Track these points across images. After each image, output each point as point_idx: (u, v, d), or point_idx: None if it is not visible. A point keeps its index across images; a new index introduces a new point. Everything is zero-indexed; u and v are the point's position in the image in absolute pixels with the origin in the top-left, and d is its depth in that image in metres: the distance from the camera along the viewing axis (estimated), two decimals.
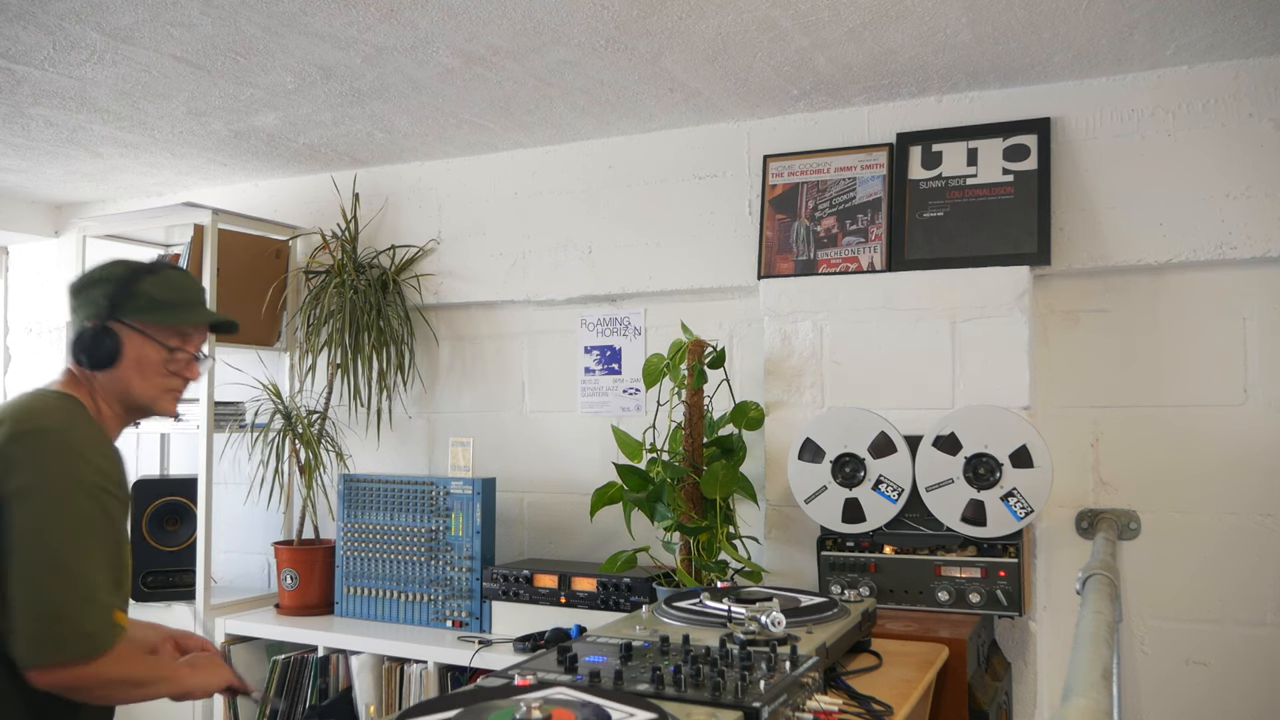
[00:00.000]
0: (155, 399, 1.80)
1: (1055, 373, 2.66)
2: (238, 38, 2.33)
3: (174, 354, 1.80)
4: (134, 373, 1.77)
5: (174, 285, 1.81)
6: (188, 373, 1.84)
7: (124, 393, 1.77)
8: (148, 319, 1.77)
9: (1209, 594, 2.50)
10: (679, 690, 1.27)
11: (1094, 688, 1.10)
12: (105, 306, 1.75)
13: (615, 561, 2.62)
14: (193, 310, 1.83)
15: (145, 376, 1.78)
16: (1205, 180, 2.48)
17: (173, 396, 1.83)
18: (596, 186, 3.18)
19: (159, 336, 1.78)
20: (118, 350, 1.75)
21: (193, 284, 1.86)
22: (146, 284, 1.77)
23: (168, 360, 1.79)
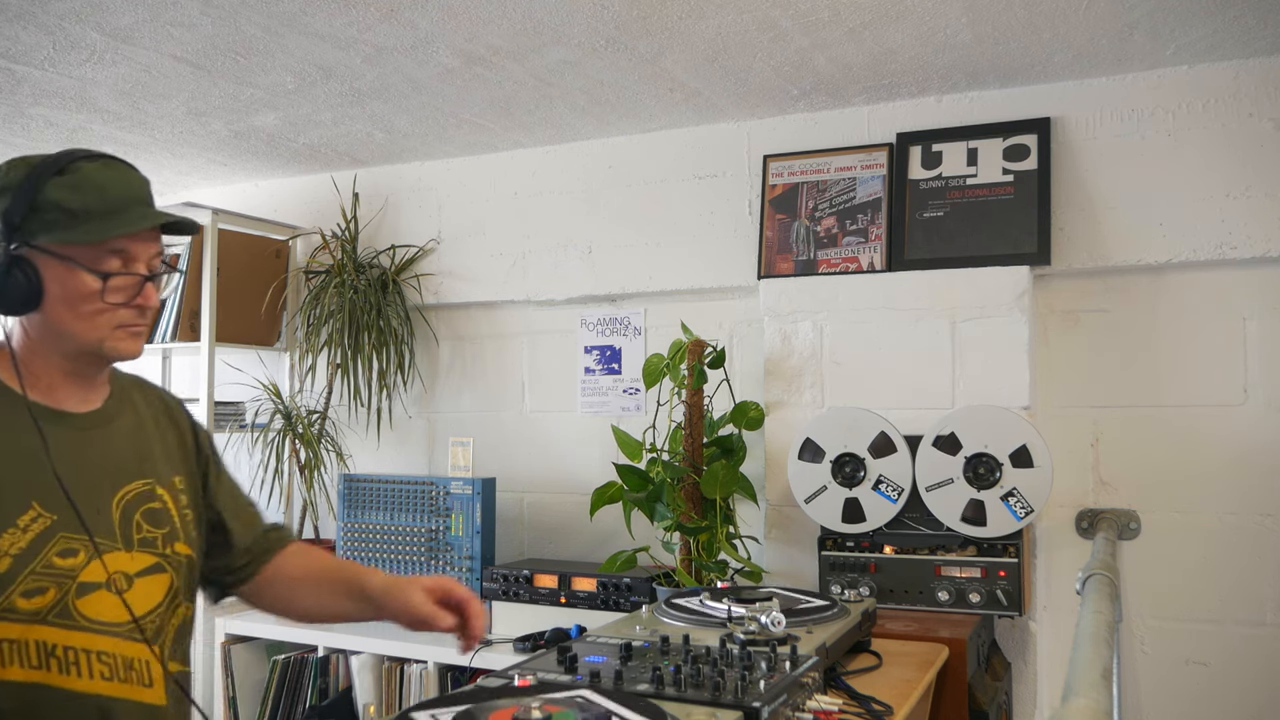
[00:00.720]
0: (103, 339, 1.34)
1: (1055, 373, 2.66)
2: (238, 38, 2.33)
3: (110, 281, 1.32)
4: (65, 310, 1.31)
5: (93, 185, 1.31)
6: (140, 299, 1.36)
7: (61, 338, 1.33)
8: (65, 238, 1.28)
9: (1209, 594, 2.50)
10: (679, 690, 1.27)
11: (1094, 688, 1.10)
12: (3, 230, 1.29)
13: (615, 561, 2.62)
14: (124, 215, 1.32)
15: (81, 314, 1.32)
16: (1205, 180, 2.48)
17: (128, 333, 1.36)
18: (596, 186, 3.18)
19: (86, 260, 1.30)
20: (34, 285, 1.29)
21: (118, 178, 1.34)
22: (53, 190, 1.29)
23: (105, 291, 1.32)
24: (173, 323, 3.28)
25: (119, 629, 1.34)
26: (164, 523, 1.43)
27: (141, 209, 1.35)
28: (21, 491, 1.29)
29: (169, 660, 1.40)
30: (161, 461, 1.47)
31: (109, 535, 1.35)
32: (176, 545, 1.43)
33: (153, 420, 1.49)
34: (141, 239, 1.35)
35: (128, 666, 1.34)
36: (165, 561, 1.41)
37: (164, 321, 3.32)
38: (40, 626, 1.28)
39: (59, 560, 1.29)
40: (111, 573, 1.34)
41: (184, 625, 1.45)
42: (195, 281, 3.24)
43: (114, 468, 1.40)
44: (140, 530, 1.39)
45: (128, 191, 1.34)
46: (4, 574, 1.25)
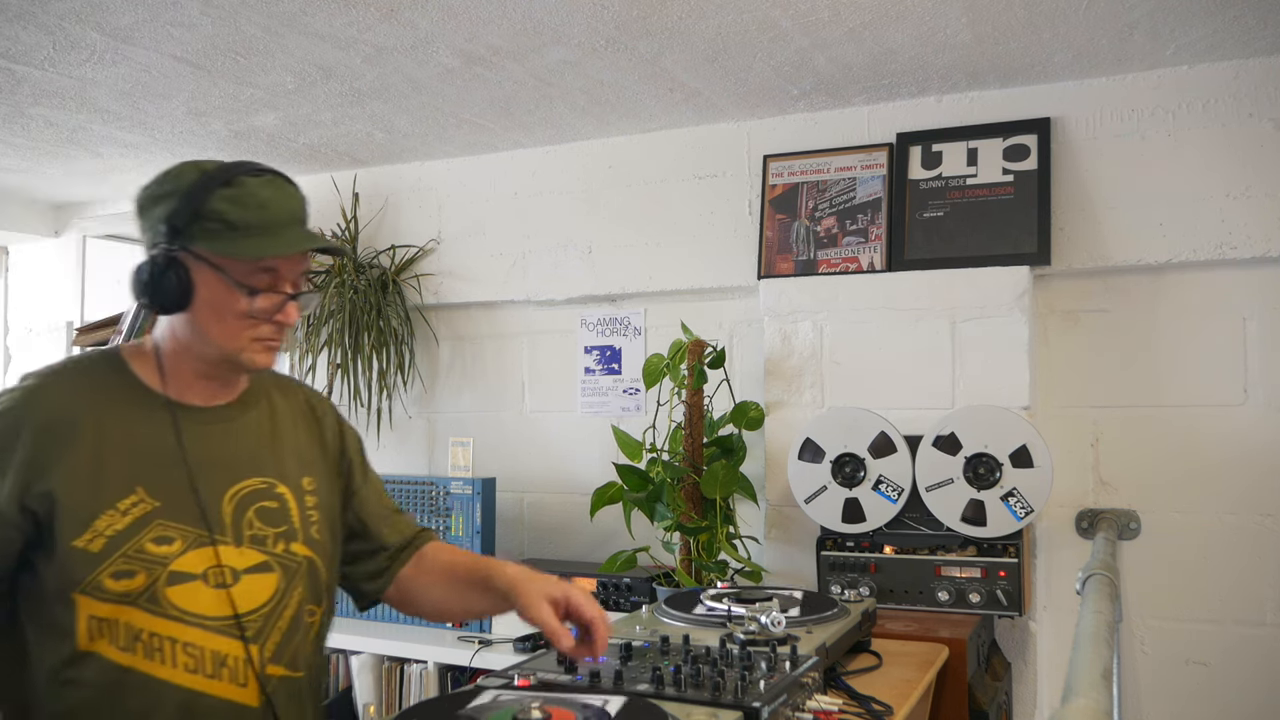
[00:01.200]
0: (240, 350, 1.37)
1: (1055, 373, 2.66)
2: (238, 38, 2.33)
3: (257, 298, 1.35)
4: (210, 316, 1.35)
5: (255, 201, 1.33)
6: (281, 316, 1.38)
7: (201, 341, 1.38)
8: (221, 249, 1.32)
9: (1209, 594, 2.50)
10: (679, 690, 1.27)
11: (1094, 688, 1.10)
12: (166, 231, 1.33)
13: (615, 561, 2.62)
14: (280, 236, 1.35)
15: (224, 322, 1.35)
16: (1205, 180, 2.48)
17: (264, 346, 1.39)
18: (596, 186, 3.18)
19: (237, 274, 1.33)
20: (185, 288, 1.33)
21: (279, 197, 1.36)
22: (218, 200, 1.31)
23: (251, 306, 1.35)
24: None
25: (212, 622, 1.34)
26: (280, 522, 1.43)
27: (297, 231, 1.38)
28: (128, 476, 1.32)
29: (269, 662, 1.38)
30: (290, 461, 1.48)
31: (216, 528, 1.36)
32: (293, 545, 1.43)
33: (289, 420, 1.52)
34: (292, 259, 1.38)
35: (218, 662, 1.33)
36: (275, 561, 1.40)
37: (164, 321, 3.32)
38: (129, 609, 1.29)
39: (152, 546, 1.31)
40: (209, 566, 1.34)
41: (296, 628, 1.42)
42: None
43: (230, 463, 1.41)
44: (251, 527, 1.40)
45: (287, 212, 1.37)
46: (97, 553, 1.28)
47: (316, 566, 1.46)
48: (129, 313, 3.40)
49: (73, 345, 3.51)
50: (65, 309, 3.83)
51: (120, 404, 1.37)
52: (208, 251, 1.32)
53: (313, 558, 1.45)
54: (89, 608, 1.28)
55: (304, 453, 1.51)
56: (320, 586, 1.47)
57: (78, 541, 1.27)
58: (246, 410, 1.47)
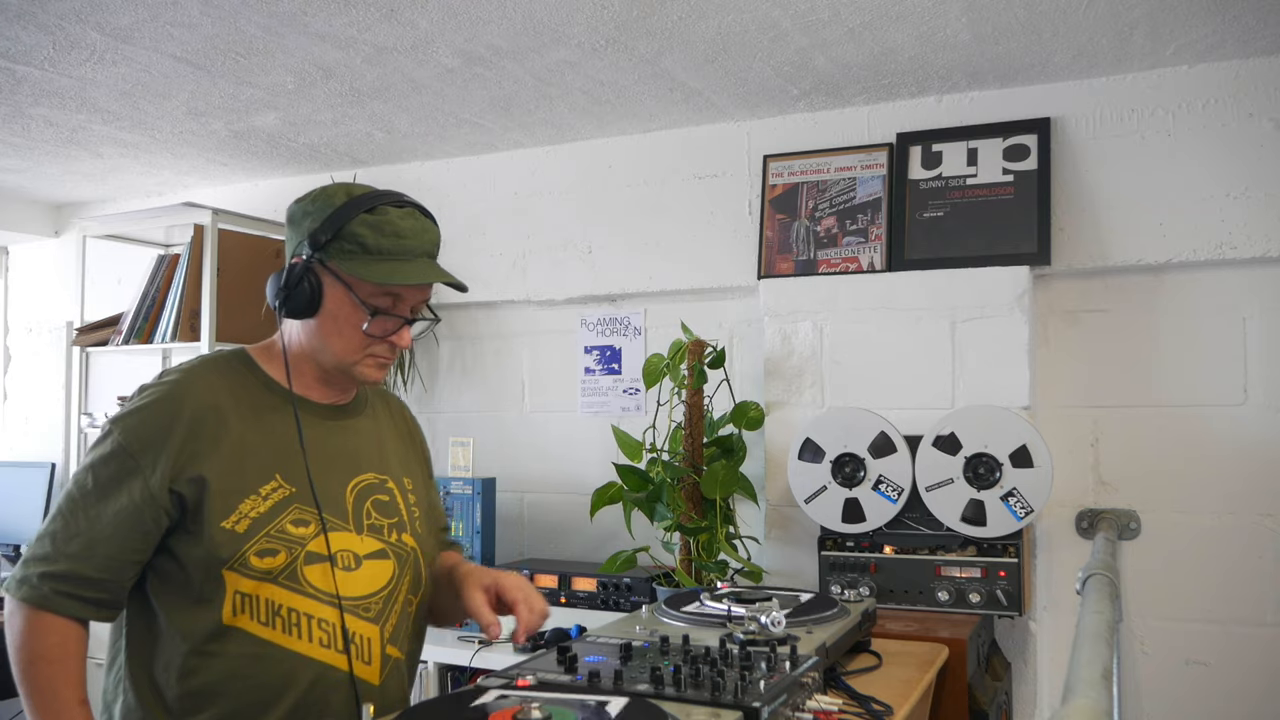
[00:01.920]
0: (354, 364, 1.49)
1: (1055, 373, 2.66)
2: (238, 38, 2.33)
3: (377, 317, 1.46)
4: (332, 328, 1.47)
5: (392, 230, 1.44)
6: (396, 338, 1.49)
7: (321, 349, 1.49)
8: (353, 269, 1.43)
9: (1209, 594, 2.50)
10: (679, 690, 1.27)
11: (1094, 688, 1.09)
12: (308, 244, 1.44)
13: (615, 561, 2.62)
14: (408, 266, 1.45)
15: (343, 335, 1.47)
16: (1205, 180, 2.48)
17: (376, 363, 1.50)
18: (596, 186, 3.18)
19: (363, 293, 1.45)
20: (315, 297, 1.45)
21: (416, 229, 1.47)
22: (358, 224, 1.43)
23: (370, 325, 1.46)
24: (173, 322, 3.28)
25: (345, 601, 1.44)
26: (392, 513, 1.55)
27: (425, 263, 1.49)
28: (268, 465, 1.44)
29: (388, 643, 1.48)
30: (395, 460, 1.61)
31: (340, 515, 1.48)
32: (404, 535, 1.55)
33: (391, 424, 1.66)
34: (415, 287, 1.49)
35: (347, 639, 1.43)
36: (390, 549, 1.52)
37: (164, 321, 3.32)
38: (270, 585, 1.39)
39: (292, 528, 1.42)
40: (337, 549, 1.45)
41: (406, 614, 1.53)
42: (195, 281, 3.23)
43: (351, 457, 1.54)
44: (370, 517, 1.51)
45: (419, 244, 1.47)
46: (243, 534, 1.38)
47: (419, 557, 1.57)
48: (129, 313, 3.40)
49: (73, 345, 3.51)
50: (65, 309, 3.82)
51: (256, 398, 1.48)
52: (341, 269, 1.44)
53: (417, 549, 1.57)
54: (235, 584, 1.38)
55: (406, 456, 1.65)
56: (420, 576, 1.58)
57: (225, 523, 1.38)
58: (359, 412, 1.60)
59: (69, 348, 3.53)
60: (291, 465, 1.46)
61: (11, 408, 4.30)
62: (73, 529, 1.37)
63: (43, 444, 4.13)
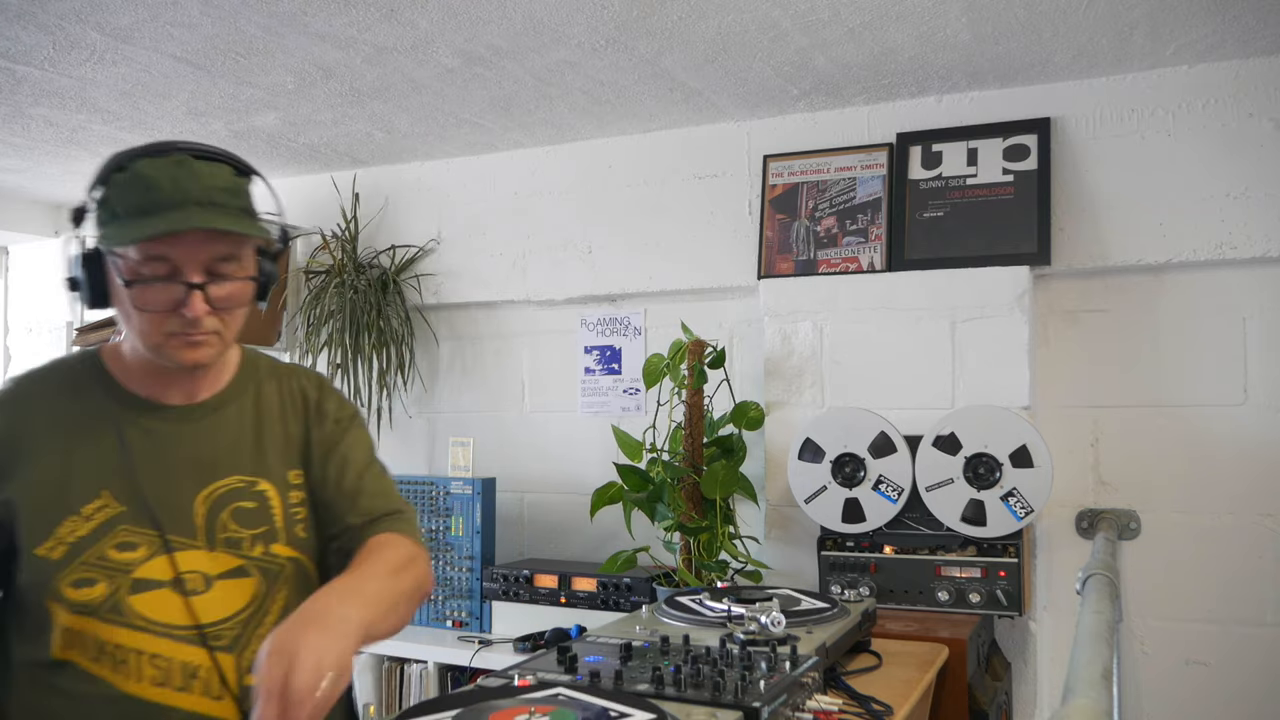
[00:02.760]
0: (158, 346, 1.27)
1: (1055, 373, 2.66)
2: (238, 38, 2.33)
3: (133, 288, 1.22)
4: (125, 313, 1.28)
5: (141, 184, 1.20)
6: (187, 309, 1.23)
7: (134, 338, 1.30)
8: (104, 239, 1.24)
9: (1209, 594, 2.50)
10: (679, 690, 1.27)
11: (1094, 687, 1.09)
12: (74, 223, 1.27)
13: (615, 561, 2.62)
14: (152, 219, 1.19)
15: (130, 319, 1.26)
16: (1205, 180, 2.48)
17: (182, 342, 1.26)
18: (596, 186, 3.18)
19: (124, 265, 1.22)
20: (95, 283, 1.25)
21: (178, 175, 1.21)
22: (111, 186, 1.23)
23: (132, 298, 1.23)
24: None
25: (181, 632, 1.27)
26: (258, 522, 1.34)
27: (189, 211, 1.20)
28: (94, 480, 1.27)
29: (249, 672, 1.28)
30: (275, 455, 1.39)
31: (186, 531, 1.29)
32: (274, 547, 1.35)
33: (279, 411, 1.42)
34: (187, 243, 1.21)
35: (188, 674, 1.26)
36: (253, 565, 1.33)
37: None
38: (93, 620, 1.23)
39: (114, 553, 1.25)
40: (182, 572, 1.27)
41: None
42: None
43: (205, 462, 1.34)
44: (226, 530, 1.32)
45: (179, 192, 1.21)
46: (57, 560, 1.23)
47: (305, 567, 1.38)
48: None
49: (73, 345, 3.51)
50: (65, 309, 3.83)
51: (92, 406, 1.31)
52: (100, 243, 1.24)
53: (298, 558, 1.37)
54: (59, 617, 1.24)
55: (292, 445, 1.42)
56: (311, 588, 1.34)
57: (40, 549, 1.23)
58: (226, 405, 1.39)
59: (69, 348, 3.53)
60: (126, 479, 1.28)
61: None
62: None
63: None
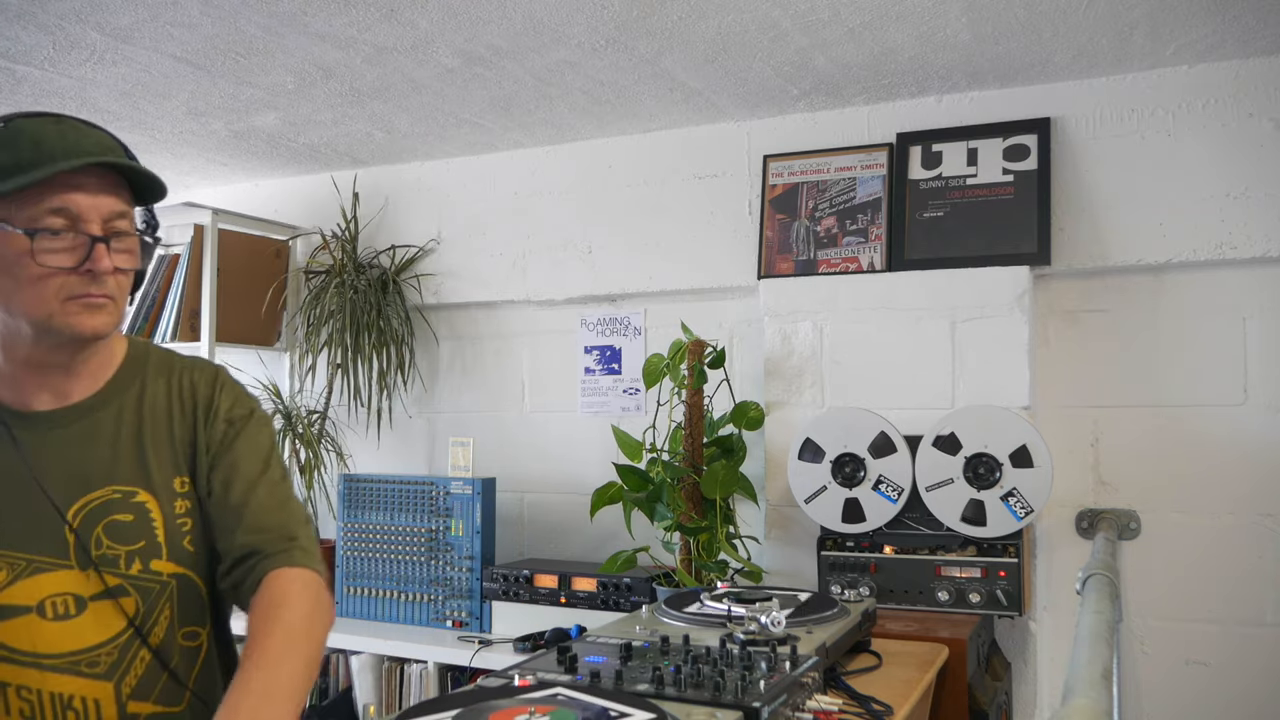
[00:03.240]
0: (51, 315, 1.16)
1: (1055, 373, 2.66)
2: (238, 38, 2.33)
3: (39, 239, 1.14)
4: (7, 280, 1.16)
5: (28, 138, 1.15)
6: (90, 264, 1.16)
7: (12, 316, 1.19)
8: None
9: (1209, 594, 2.50)
10: (679, 690, 1.27)
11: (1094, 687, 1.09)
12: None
13: (615, 561, 2.62)
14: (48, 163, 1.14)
15: (21, 282, 1.15)
16: (1205, 180, 2.48)
17: (81, 305, 1.17)
18: (596, 186, 3.18)
19: (17, 220, 1.14)
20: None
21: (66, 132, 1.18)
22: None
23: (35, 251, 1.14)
24: (173, 322, 3.28)
25: (50, 660, 1.18)
26: (136, 537, 1.24)
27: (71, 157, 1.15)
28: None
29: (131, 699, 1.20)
30: (159, 460, 1.28)
31: (55, 552, 1.19)
32: (154, 564, 1.24)
33: (166, 410, 1.31)
34: (89, 193, 1.16)
35: (62, 705, 1.18)
36: (129, 584, 1.23)
37: (164, 321, 3.32)
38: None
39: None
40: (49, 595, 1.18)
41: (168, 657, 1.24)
42: (195, 281, 3.24)
43: (78, 473, 1.24)
44: (100, 546, 1.22)
45: (65, 145, 1.15)
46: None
47: (191, 582, 1.27)
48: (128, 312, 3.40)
49: None
50: None
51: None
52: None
53: (184, 574, 1.27)
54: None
55: (179, 448, 1.30)
56: (200, 604, 1.27)
57: None
58: (104, 406, 1.28)
59: None
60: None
61: None
62: None
63: None
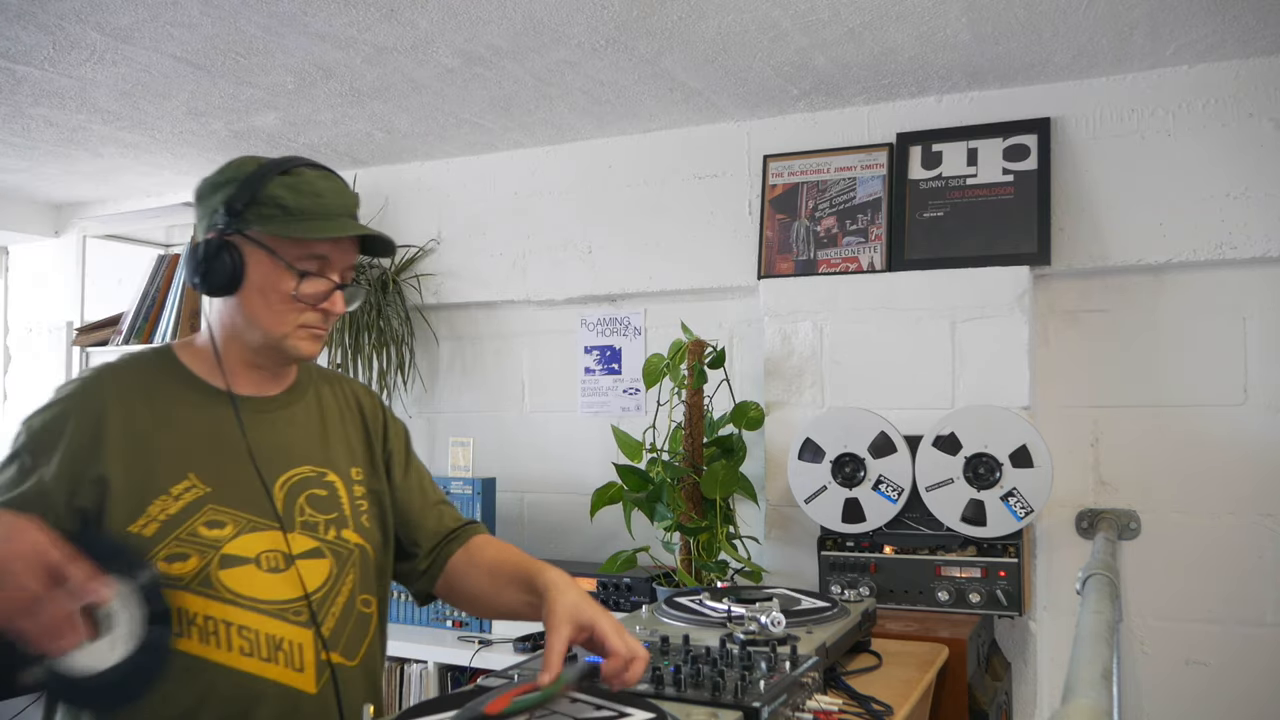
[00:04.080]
0: (285, 336, 1.41)
1: (1055, 373, 2.66)
2: (238, 38, 2.33)
3: (304, 280, 1.39)
4: (259, 300, 1.39)
5: (310, 190, 1.39)
6: (328, 304, 1.42)
7: (249, 326, 1.41)
8: (276, 231, 1.37)
9: (1209, 594, 2.50)
10: (679, 690, 1.27)
11: (1094, 687, 1.10)
12: (224, 214, 1.38)
13: (615, 561, 2.62)
14: (332, 223, 1.39)
15: (271, 306, 1.39)
16: (1205, 180, 2.48)
17: (309, 334, 1.43)
18: (596, 186, 3.18)
19: (287, 255, 1.38)
20: (237, 269, 1.37)
21: (335, 189, 1.43)
22: (276, 186, 1.38)
23: (299, 289, 1.39)
24: (173, 322, 3.29)
25: (267, 606, 1.36)
26: (330, 509, 1.46)
27: (346, 220, 1.42)
28: (179, 463, 1.36)
29: (324, 648, 1.38)
30: (339, 451, 1.52)
31: (266, 514, 1.39)
32: (344, 532, 1.46)
33: (337, 412, 1.56)
34: (342, 249, 1.42)
35: (274, 645, 1.35)
36: (326, 547, 1.43)
37: (164, 321, 3.32)
38: (183, 593, 1.31)
39: (205, 530, 1.34)
40: (262, 550, 1.37)
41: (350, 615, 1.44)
42: None
43: (282, 451, 1.45)
44: (303, 513, 1.43)
45: (340, 202, 1.42)
46: (150, 538, 1.31)
47: (368, 554, 1.49)
48: (129, 313, 3.40)
49: (73, 345, 3.51)
50: (65, 309, 3.83)
51: (172, 394, 1.41)
52: (262, 234, 1.37)
53: (364, 545, 1.48)
54: None
55: (354, 445, 1.56)
56: (372, 575, 1.49)
57: (132, 526, 1.30)
58: (295, 401, 1.51)
59: (69, 348, 3.53)
60: (209, 463, 1.38)
61: (11, 408, 4.30)
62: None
63: None
